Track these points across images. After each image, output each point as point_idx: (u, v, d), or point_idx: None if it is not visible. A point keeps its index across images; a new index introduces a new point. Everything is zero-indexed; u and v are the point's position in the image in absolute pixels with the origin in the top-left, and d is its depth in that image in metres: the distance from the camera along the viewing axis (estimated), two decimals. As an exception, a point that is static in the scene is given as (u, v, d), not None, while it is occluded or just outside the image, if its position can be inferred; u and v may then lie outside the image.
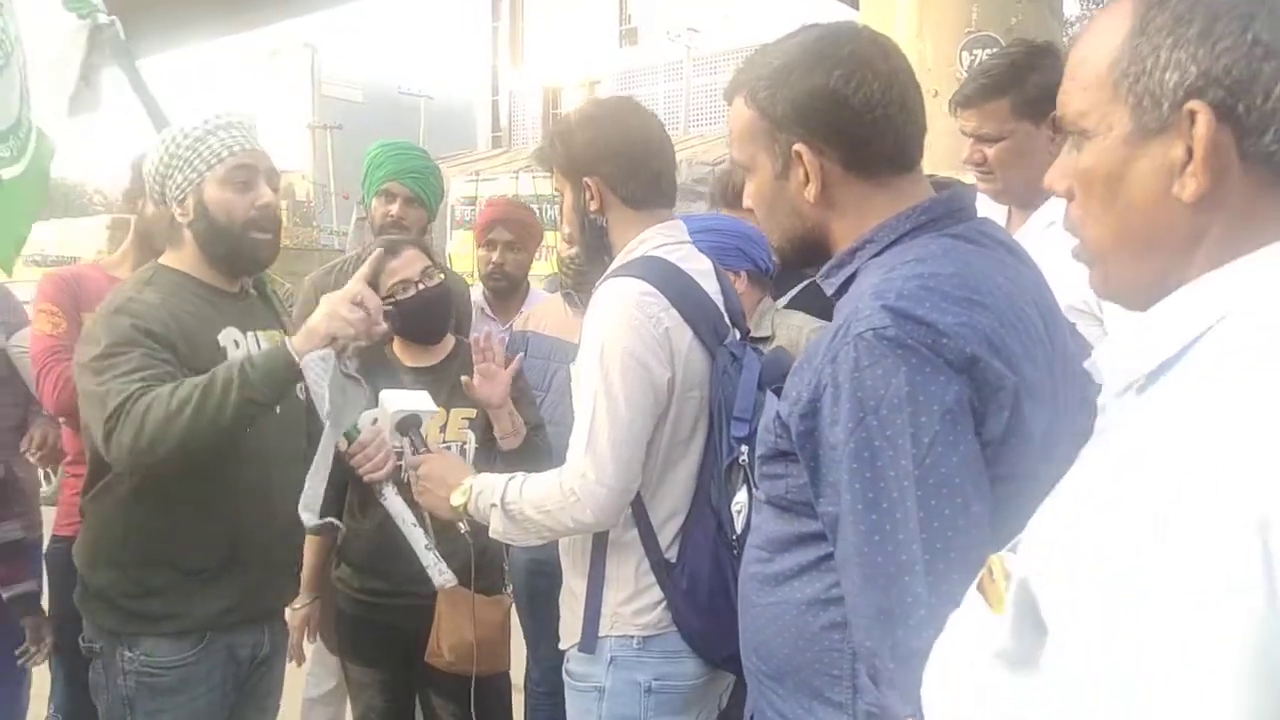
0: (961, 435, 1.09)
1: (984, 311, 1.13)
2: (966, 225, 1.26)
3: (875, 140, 1.25)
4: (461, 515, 1.87)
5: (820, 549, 1.22)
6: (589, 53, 24.60)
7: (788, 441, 1.21)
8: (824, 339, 1.19)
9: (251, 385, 1.76)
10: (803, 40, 1.29)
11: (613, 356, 1.71)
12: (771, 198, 1.32)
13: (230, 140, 1.95)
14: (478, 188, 10.67)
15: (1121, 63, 0.78)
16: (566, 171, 1.89)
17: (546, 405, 2.76)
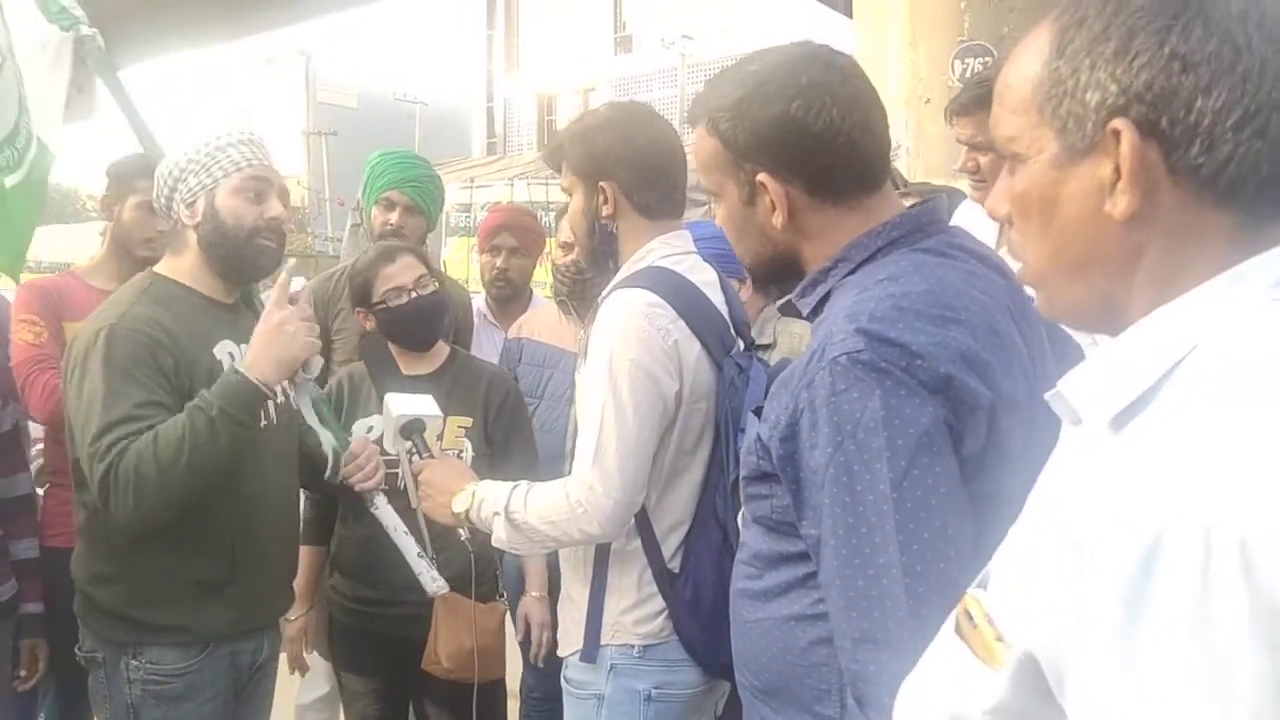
0: (938, 457, 1.09)
1: (958, 327, 1.13)
2: (936, 239, 1.26)
3: (839, 166, 1.25)
4: (463, 522, 1.86)
5: (806, 566, 1.22)
6: (584, 59, 24.62)
7: (769, 463, 1.21)
8: (800, 362, 1.19)
9: (230, 417, 1.80)
10: (759, 70, 1.29)
11: (621, 368, 1.71)
12: (741, 223, 1.33)
13: (250, 154, 2.00)
14: (472, 194, 10.66)
15: (1044, 86, 0.78)
16: (581, 173, 1.87)
17: (540, 411, 2.78)
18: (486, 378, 2.52)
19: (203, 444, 1.77)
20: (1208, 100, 0.71)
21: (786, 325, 2.53)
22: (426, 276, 2.43)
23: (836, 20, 20.61)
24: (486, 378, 2.52)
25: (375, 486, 2.17)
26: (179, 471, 1.77)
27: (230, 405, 1.79)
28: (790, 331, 2.50)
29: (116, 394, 1.81)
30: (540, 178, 9.97)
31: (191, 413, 1.80)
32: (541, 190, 9.92)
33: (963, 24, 5.47)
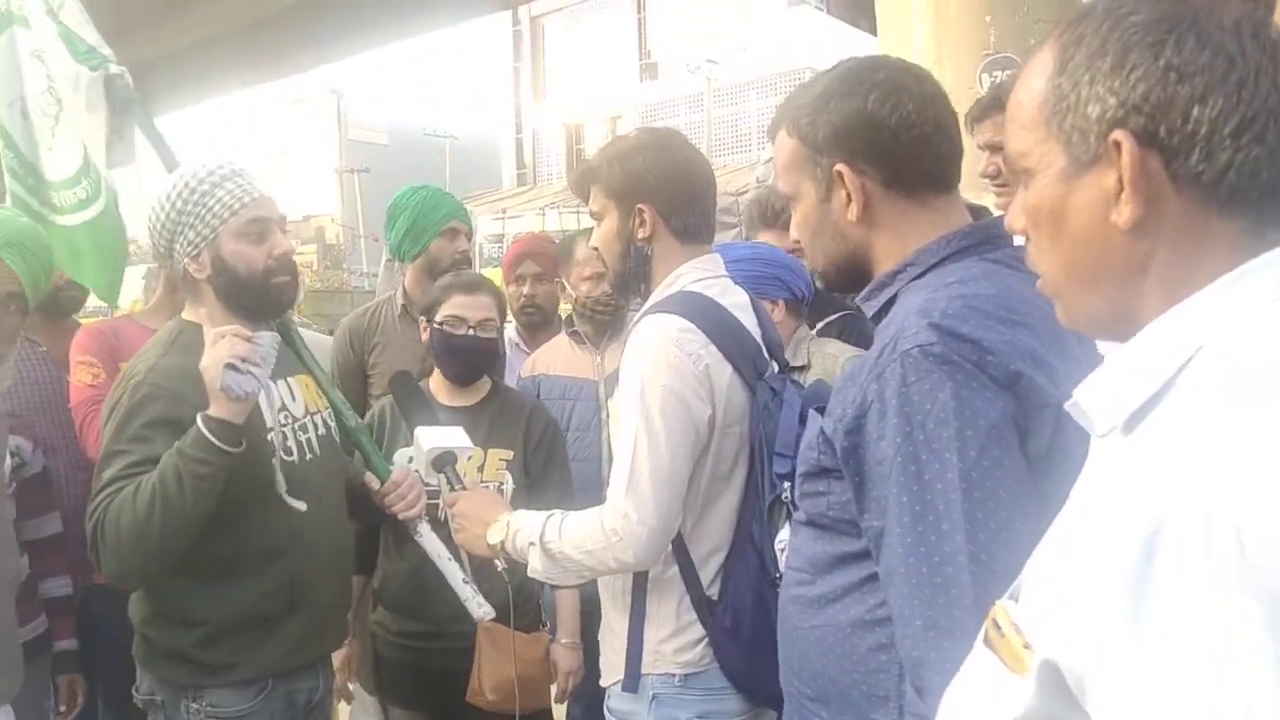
0: (1006, 451, 1.11)
1: (1026, 331, 1.16)
2: (1004, 251, 1.28)
3: (913, 159, 1.29)
4: (499, 553, 1.85)
5: (863, 569, 1.23)
6: (610, 88, 24.85)
7: (831, 458, 1.23)
8: (869, 356, 1.21)
9: (193, 462, 1.76)
10: (839, 71, 1.35)
11: (653, 394, 1.71)
12: (816, 222, 1.36)
13: (238, 190, 1.94)
14: (504, 225, 10.77)
15: (1050, 102, 0.81)
16: (617, 195, 1.86)
17: (571, 443, 2.78)
18: (527, 411, 2.54)
19: (171, 490, 1.76)
20: (1204, 109, 0.73)
21: (820, 346, 2.53)
22: (493, 323, 2.46)
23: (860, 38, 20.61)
24: (527, 411, 2.54)
25: (418, 515, 2.17)
26: (158, 518, 1.76)
27: (184, 444, 1.78)
28: (824, 353, 2.49)
29: (117, 454, 1.85)
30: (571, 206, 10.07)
31: (164, 462, 1.79)
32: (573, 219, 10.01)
33: (988, 37, 5.46)
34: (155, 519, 1.76)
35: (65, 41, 2.38)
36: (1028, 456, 1.12)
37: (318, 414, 2.13)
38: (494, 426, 2.43)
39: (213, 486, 1.78)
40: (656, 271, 1.87)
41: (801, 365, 2.43)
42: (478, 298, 2.45)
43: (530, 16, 26.13)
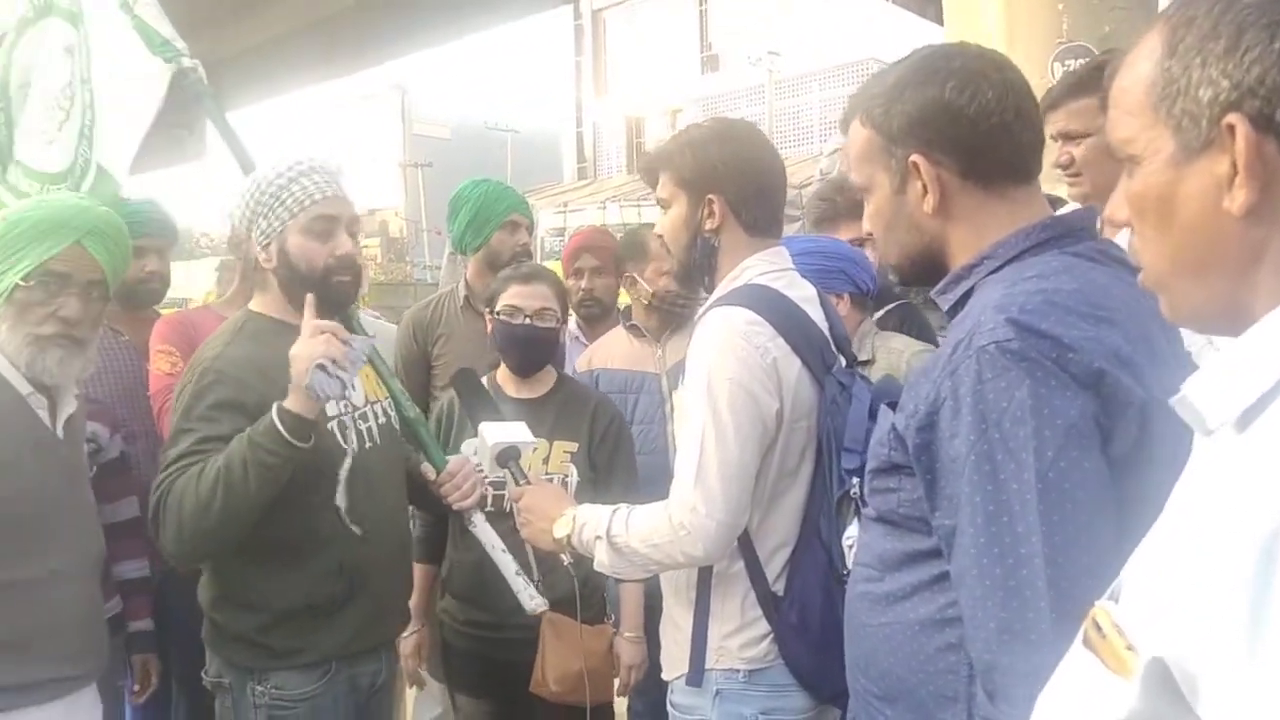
0: (1086, 452, 1.07)
1: (1110, 327, 1.12)
2: (1087, 244, 1.25)
3: (992, 149, 1.25)
4: (564, 547, 1.86)
5: (934, 567, 1.21)
6: (671, 81, 24.79)
7: (902, 454, 1.21)
8: (942, 352, 1.19)
9: (263, 451, 1.78)
10: (913, 59, 1.32)
11: (720, 388, 1.69)
12: (890, 214, 1.33)
13: (312, 188, 1.98)
14: (565, 219, 10.81)
15: (1158, 86, 0.79)
16: (688, 184, 1.84)
17: (636, 435, 2.78)
18: (593, 403, 2.55)
19: (236, 476, 1.78)
20: None
21: (885, 341, 2.49)
22: (551, 312, 2.48)
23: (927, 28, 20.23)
24: (593, 403, 2.55)
25: (472, 505, 2.19)
26: (219, 502, 1.79)
27: (255, 431, 1.81)
28: (889, 347, 2.45)
29: (184, 432, 1.89)
30: (632, 200, 10.08)
31: (234, 445, 1.83)
32: (634, 212, 10.01)
33: (1061, 25, 5.32)
34: (217, 501, 1.79)
35: (141, 34, 2.42)
36: (1110, 457, 1.08)
37: (377, 403, 2.16)
38: (559, 418, 2.45)
39: (277, 477, 1.81)
40: (722, 263, 1.85)
41: (866, 359, 2.40)
42: (534, 287, 2.48)
43: (592, 10, 26.20)
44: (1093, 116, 2.08)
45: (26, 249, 1.84)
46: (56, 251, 1.86)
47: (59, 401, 1.95)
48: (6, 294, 1.84)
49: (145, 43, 2.40)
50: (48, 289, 1.86)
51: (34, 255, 1.84)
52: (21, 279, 1.83)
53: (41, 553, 1.85)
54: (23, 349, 1.85)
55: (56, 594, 1.88)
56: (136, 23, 2.41)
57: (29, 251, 1.84)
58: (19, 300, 1.85)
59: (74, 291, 1.89)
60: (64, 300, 1.88)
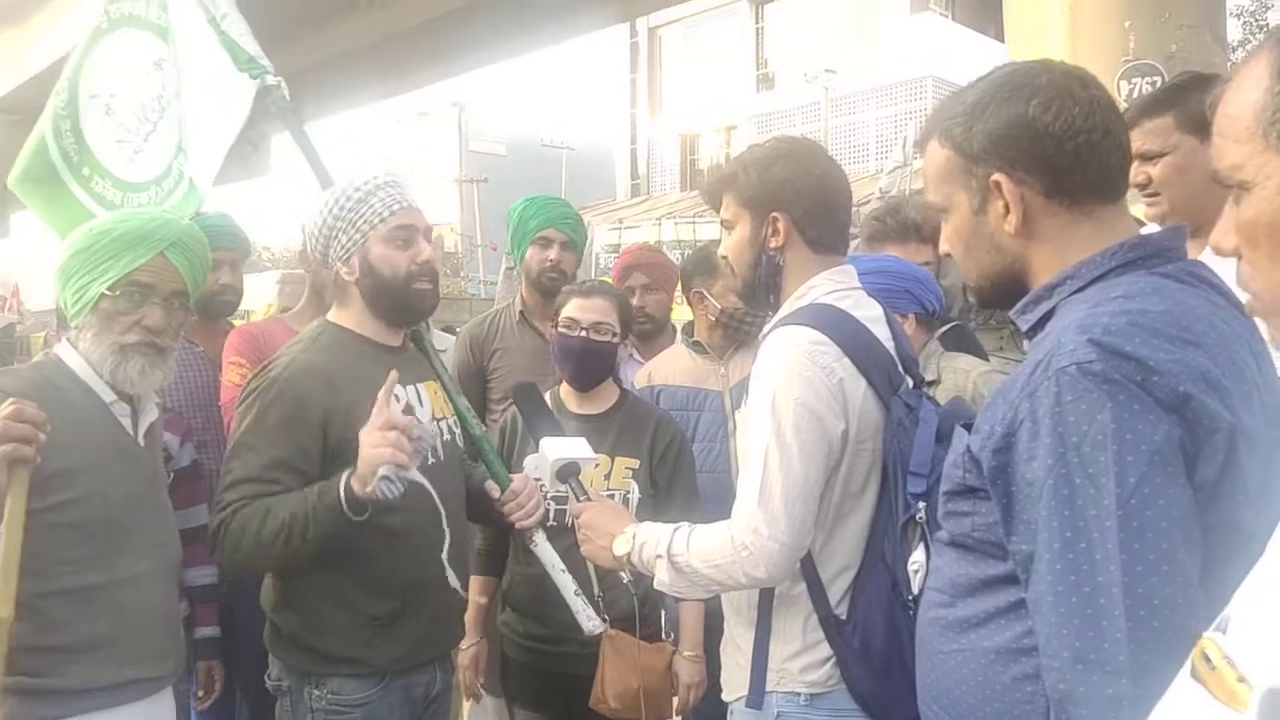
0: (1170, 478, 1.04)
1: (1198, 350, 1.09)
2: (1176, 265, 1.22)
3: (1078, 167, 1.23)
4: (624, 565, 1.85)
5: (1010, 594, 1.18)
6: (726, 98, 24.83)
7: (977, 477, 1.19)
8: (1021, 373, 1.16)
9: (325, 526, 1.87)
10: (995, 77, 1.30)
11: (785, 408, 1.67)
12: (970, 235, 1.32)
13: (390, 199, 2.05)
14: (620, 235, 10.86)
15: (1267, 112, 0.77)
16: (752, 203, 1.84)
17: (696, 454, 2.77)
18: (654, 420, 2.55)
19: (296, 533, 1.87)
20: None
21: (951, 361, 2.46)
22: (608, 326, 2.50)
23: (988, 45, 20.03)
24: (654, 420, 2.55)
25: (534, 524, 2.20)
26: (278, 548, 1.89)
27: (323, 508, 1.88)
28: (955, 367, 2.42)
29: (253, 449, 1.95)
30: (686, 217, 10.10)
31: (301, 500, 1.89)
32: (688, 229, 10.03)
33: (1128, 43, 5.25)
34: (276, 548, 1.90)
35: (228, 50, 2.48)
36: (1195, 484, 1.05)
37: (444, 420, 2.19)
38: (621, 435, 2.46)
39: (333, 539, 1.90)
40: (788, 282, 1.84)
41: (932, 380, 2.37)
42: (592, 300, 2.50)
43: (648, 28, 26.37)
44: (1168, 135, 2.06)
45: (113, 260, 1.89)
46: (141, 262, 1.91)
47: (140, 410, 2.00)
48: (93, 303, 1.89)
49: (232, 59, 2.46)
50: (132, 299, 1.91)
51: (120, 266, 1.89)
52: (107, 288, 1.89)
53: (129, 555, 1.90)
54: (107, 357, 1.90)
55: (143, 595, 1.92)
56: (224, 39, 2.47)
57: (115, 262, 1.89)
58: (104, 309, 1.90)
59: (157, 301, 1.94)
60: (148, 310, 1.92)
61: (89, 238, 1.92)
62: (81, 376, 1.91)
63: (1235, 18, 16.17)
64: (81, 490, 1.82)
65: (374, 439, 1.84)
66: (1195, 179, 2.02)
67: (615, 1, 11.69)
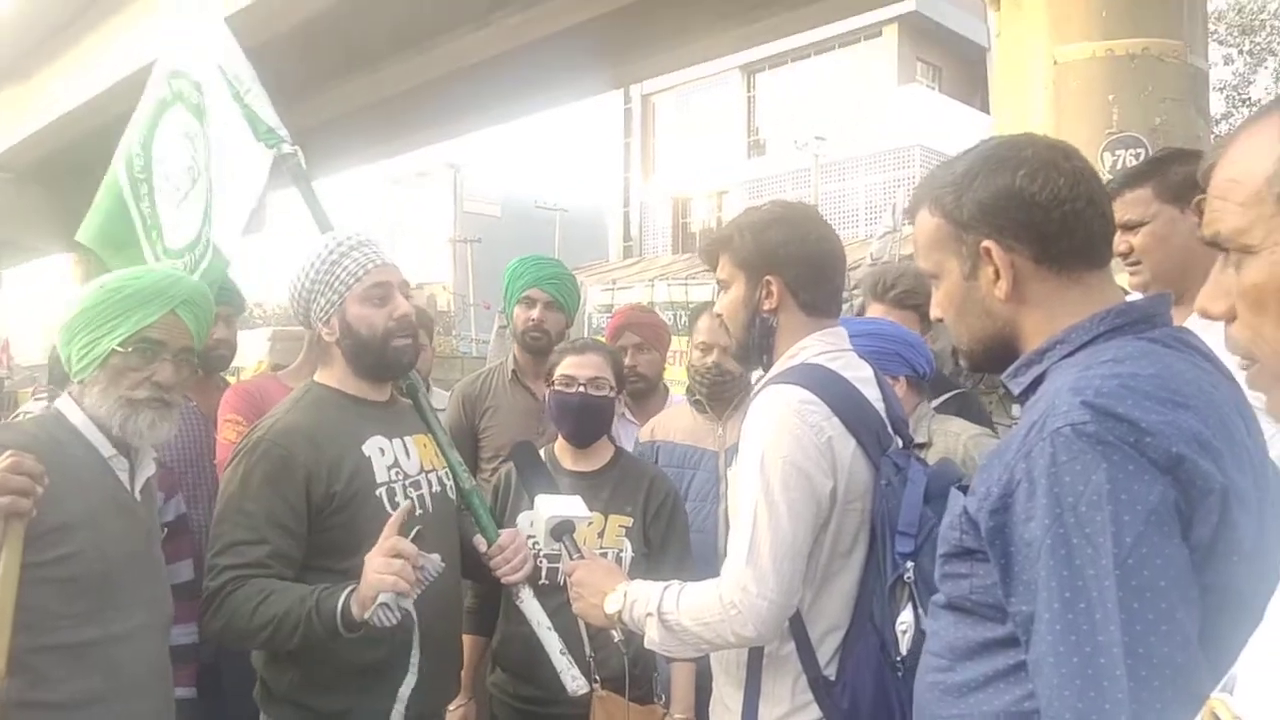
0: (1167, 538, 1.05)
1: (1188, 412, 1.11)
2: (1163, 330, 1.25)
3: (1065, 235, 1.27)
4: (615, 623, 1.85)
5: (1009, 656, 1.18)
6: (717, 163, 25.20)
7: (975, 539, 1.19)
8: (1015, 435, 1.18)
9: (315, 633, 1.89)
10: (982, 149, 1.34)
11: (774, 466, 1.69)
12: (961, 300, 1.35)
13: (363, 258, 2.08)
14: (614, 296, 10.95)
15: (1278, 176, 0.77)
16: (747, 265, 1.88)
17: (689, 512, 2.77)
18: (649, 478, 2.56)
19: (285, 631, 1.90)
20: None
21: (942, 423, 2.48)
22: (604, 380, 2.52)
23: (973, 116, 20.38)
24: (649, 478, 2.56)
25: (521, 580, 2.19)
26: (263, 637, 1.93)
27: (317, 616, 1.89)
28: (946, 430, 2.44)
29: (240, 510, 1.98)
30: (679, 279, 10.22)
31: (299, 601, 1.91)
32: (681, 290, 10.12)
33: (1111, 116, 5.36)
34: (262, 637, 1.93)
35: (250, 123, 2.56)
36: (1190, 544, 1.06)
37: (433, 472, 2.20)
38: (615, 492, 2.46)
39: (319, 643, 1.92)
40: (780, 343, 1.87)
41: (923, 442, 2.39)
42: (586, 357, 2.53)
43: (641, 95, 26.84)
44: (1147, 205, 2.11)
45: (124, 316, 1.91)
46: (153, 319, 1.93)
47: (139, 465, 2.00)
48: (102, 359, 1.90)
49: (252, 130, 2.54)
50: (144, 355, 1.92)
51: (131, 322, 1.91)
52: (119, 344, 1.90)
53: (124, 611, 1.89)
54: (116, 411, 1.90)
55: (137, 652, 1.91)
56: (246, 112, 2.56)
57: (127, 319, 1.91)
58: (115, 365, 1.91)
59: (168, 358, 1.95)
60: (158, 366, 1.94)
61: (100, 294, 1.94)
62: (82, 431, 1.92)
63: (1218, 91, 16.56)
64: (79, 545, 1.82)
65: (379, 565, 1.87)
66: (1175, 247, 2.08)
67: (609, 68, 11.91)
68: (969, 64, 22.51)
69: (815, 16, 10.22)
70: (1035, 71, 5.65)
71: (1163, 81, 5.37)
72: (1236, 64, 17.69)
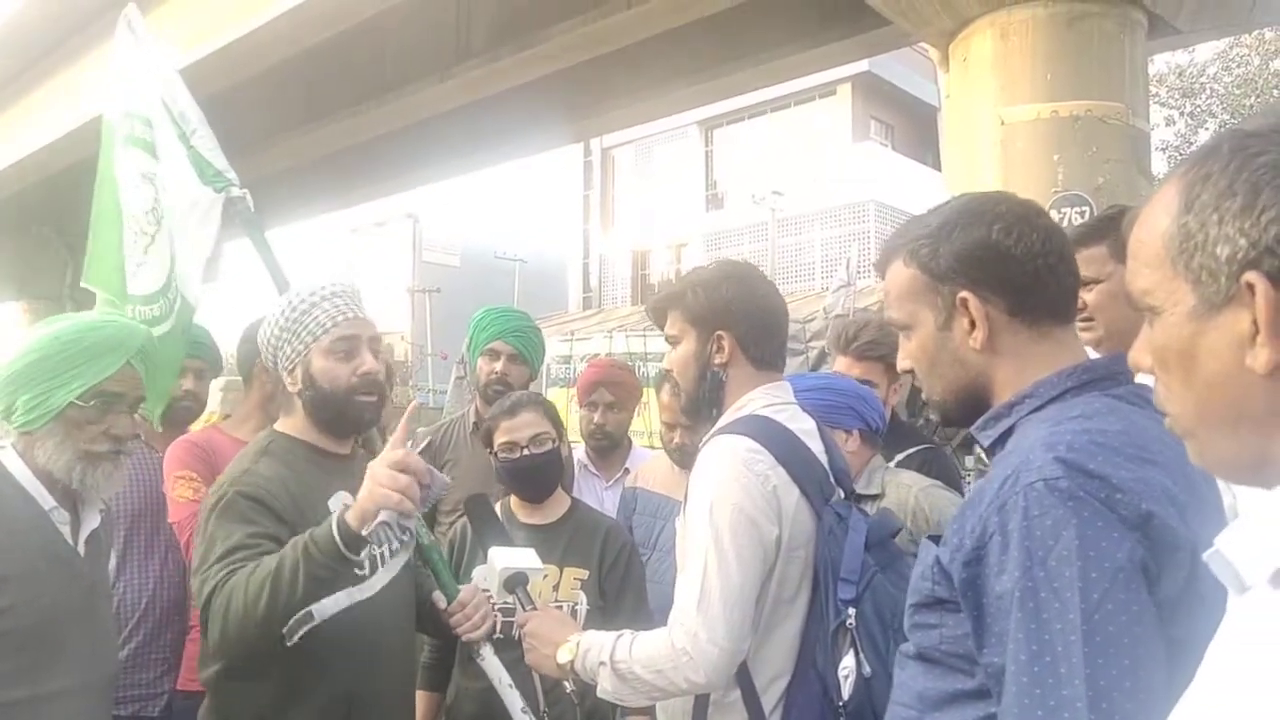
0: (1134, 595, 1.06)
1: (1156, 469, 1.13)
2: (1127, 387, 1.27)
3: (1038, 288, 1.30)
4: (568, 674, 1.85)
5: (978, 708, 1.18)
6: (676, 216, 25.46)
7: (947, 589, 1.20)
8: (988, 487, 1.19)
9: (315, 563, 1.78)
10: (956, 204, 1.38)
11: (723, 514, 1.72)
12: (935, 350, 1.37)
13: (334, 310, 2.04)
14: (572, 347, 10.96)
15: (1175, 240, 0.79)
16: (698, 321, 1.92)
17: (652, 562, 2.77)
18: (603, 530, 2.55)
19: (284, 580, 1.77)
20: None
21: (895, 476, 2.51)
22: (545, 435, 2.50)
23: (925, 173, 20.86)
24: (603, 530, 2.55)
25: (481, 637, 2.17)
26: (264, 601, 1.77)
27: (314, 546, 1.79)
28: (899, 482, 2.47)
29: (231, 533, 1.89)
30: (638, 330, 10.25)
31: (292, 545, 1.82)
32: (639, 341, 10.16)
33: (1056, 175, 5.52)
34: (262, 604, 1.78)
35: (195, 166, 2.53)
36: (1158, 600, 1.07)
37: None
38: (570, 545, 2.46)
39: (321, 586, 1.81)
40: (729, 396, 1.91)
41: (875, 494, 2.42)
42: (520, 417, 2.50)
43: (602, 148, 27.12)
44: (1103, 263, 2.14)
45: (81, 368, 1.86)
46: (112, 372, 1.89)
47: (83, 517, 1.95)
48: (57, 411, 1.86)
49: (198, 174, 2.52)
50: (101, 408, 1.89)
51: (89, 375, 1.86)
52: (78, 398, 1.85)
53: (59, 669, 1.82)
54: (75, 464, 1.86)
55: (65, 713, 1.83)
56: (193, 155, 2.53)
57: (85, 370, 1.86)
58: (71, 418, 1.86)
59: (124, 410, 1.92)
60: (114, 418, 1.90)
61: (55, 344, 1.88)
62: (21, 482, 1.87)
63: (1160, 151, 17.11)
64: (9, 600, 1.75)
65: (384, 478, 1.78)
66: (1128, 305, 2.11)
67: (571, 122, 12.03)
68: (920, 122, 23.08)
69: (771, 74, 10.43)
70: (984, 131, 5.81)
71: (1106, 142, 5.55)
72: (1178, 125, 18.31)
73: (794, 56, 9.46)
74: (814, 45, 9.19)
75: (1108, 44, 5.62)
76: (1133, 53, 5.75)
